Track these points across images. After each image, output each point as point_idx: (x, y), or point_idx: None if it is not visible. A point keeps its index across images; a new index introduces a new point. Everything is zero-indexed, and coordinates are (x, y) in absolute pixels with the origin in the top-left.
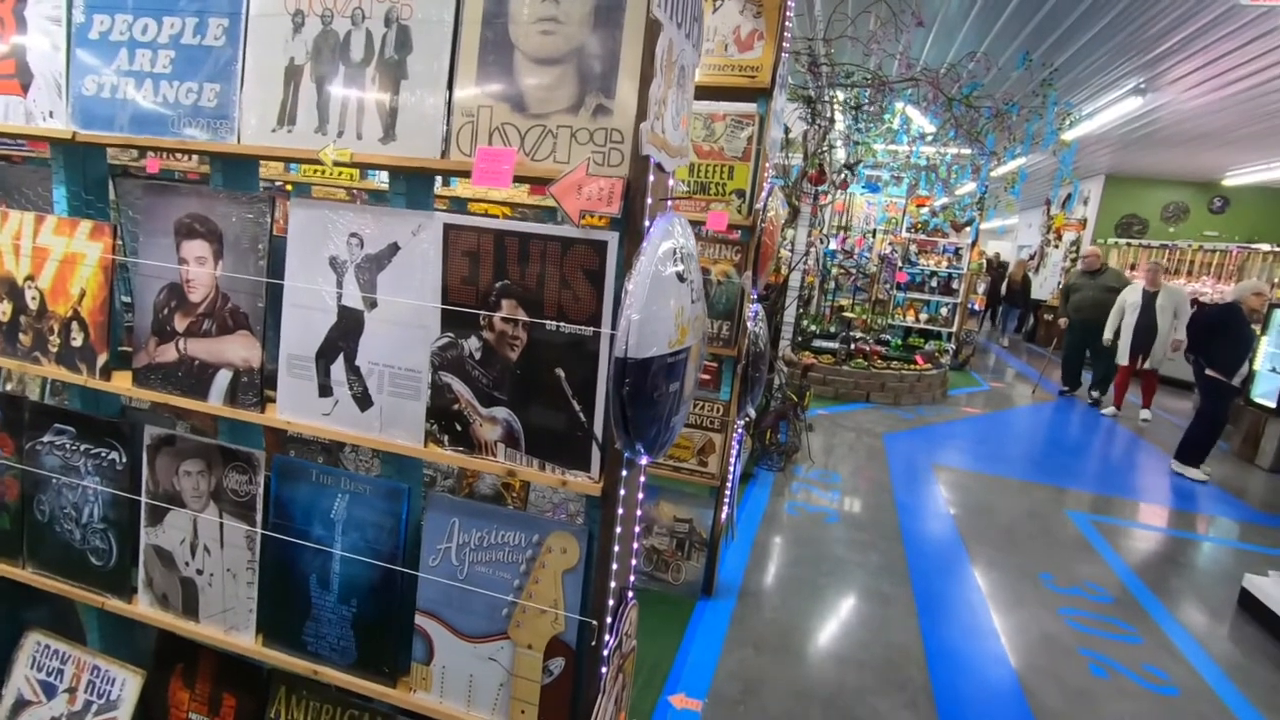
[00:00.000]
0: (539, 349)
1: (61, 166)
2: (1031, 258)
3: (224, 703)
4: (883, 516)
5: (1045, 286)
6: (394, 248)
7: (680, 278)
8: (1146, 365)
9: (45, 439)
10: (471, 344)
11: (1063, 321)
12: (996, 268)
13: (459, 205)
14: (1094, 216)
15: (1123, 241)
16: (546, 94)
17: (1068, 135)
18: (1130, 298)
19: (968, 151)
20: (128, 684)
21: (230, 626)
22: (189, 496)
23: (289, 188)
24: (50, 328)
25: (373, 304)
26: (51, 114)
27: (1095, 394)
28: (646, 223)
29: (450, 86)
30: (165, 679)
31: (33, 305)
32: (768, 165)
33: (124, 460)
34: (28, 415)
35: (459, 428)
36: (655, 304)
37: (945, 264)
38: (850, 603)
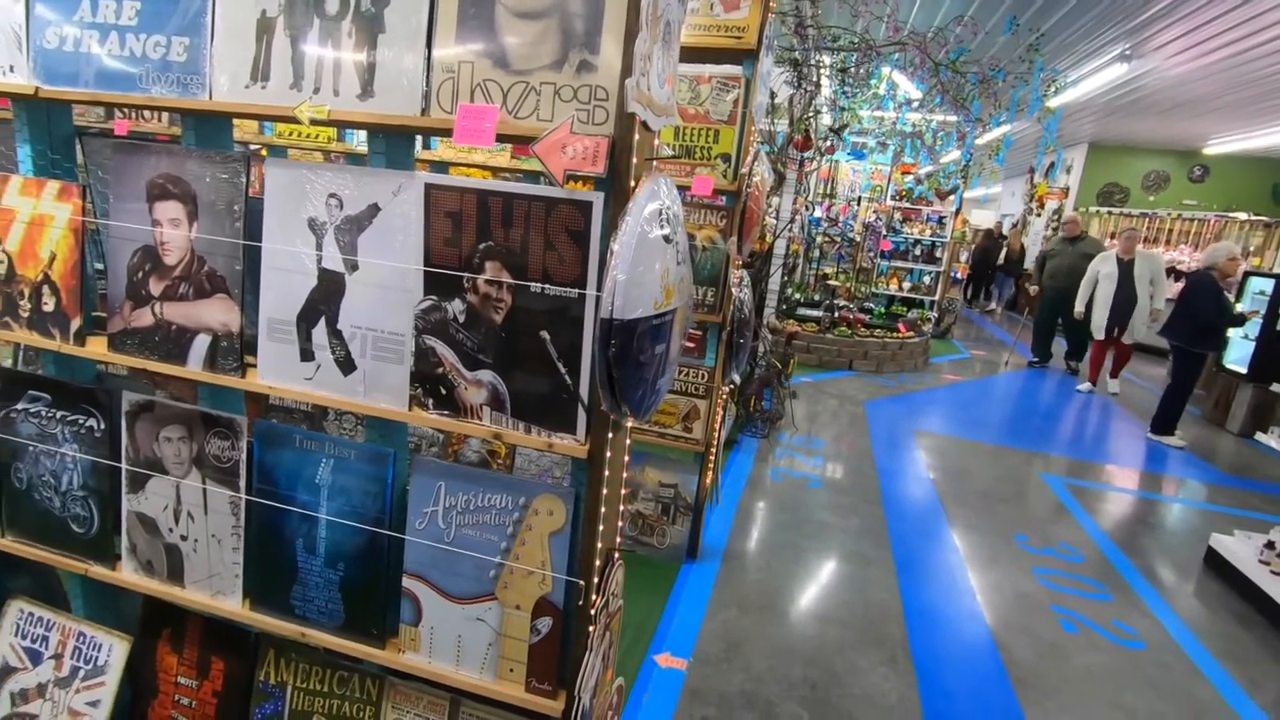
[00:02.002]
0: (523, 312)
1: (25, 124)
2: (1015, 227)
3: (213, 666)
4: (864, 481)
5: (1028, 255)
6: (374, 209)
7: (666, 239)
8: (1124, 339)
9: (19, 406)
10: (455, 307)
11: (1033, 289)
12: (997, 238)
13: (440, 168)
14: (1076, 185)
15: (1104, 210)
16: (529, 49)
17: (1052, 102)
18: (1104, 268)
19: (954, 119)
20: (114, 650)
21: (216, 591)
22: (171, 463)
23: (264, 152)
24: (20, 292)
25: (354, 266)
26: (12, 69)
27: (1073, 364)
28: (632, 183)
29: (430, 41)
30: (153, 644)
31: (0, 269)
32: (754, 129)
33: (102, 427)
34: (0, 382)
35: (444, 391)
36: (641, 265)
37: (929, 232)
38: (832, 564)
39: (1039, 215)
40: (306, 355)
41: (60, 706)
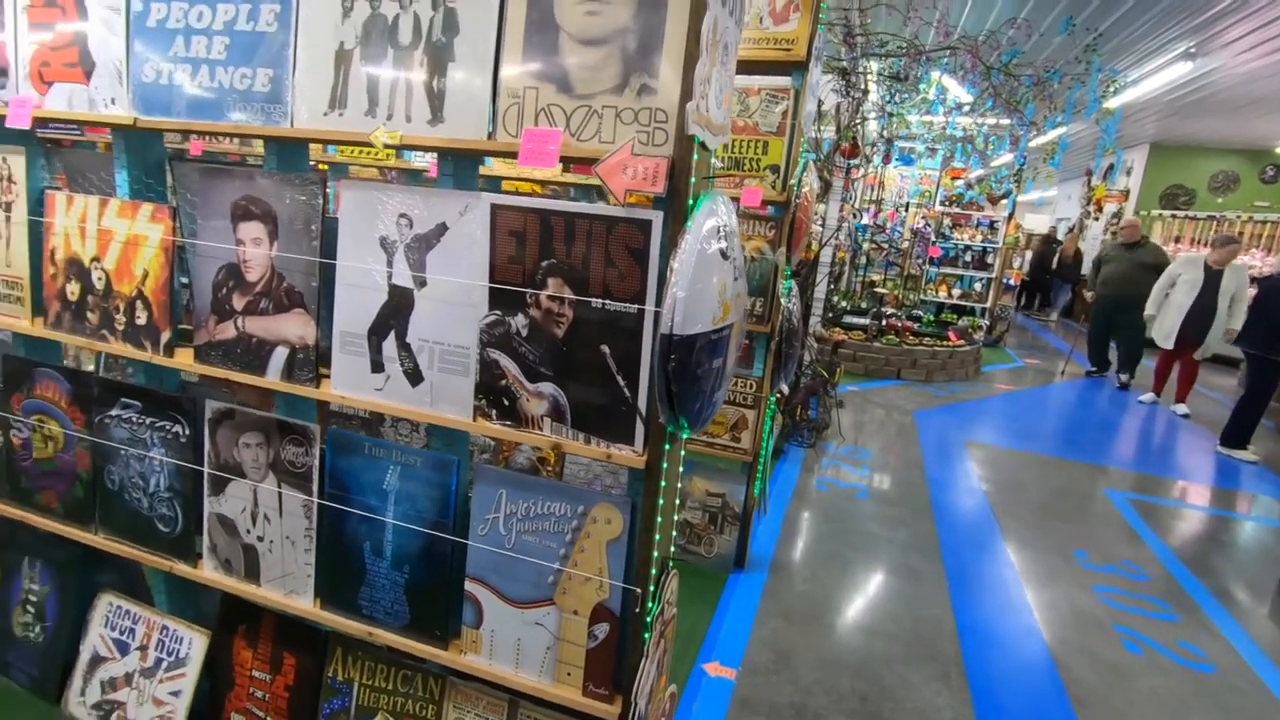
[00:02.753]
0: (584, 326)
1: (123, 151)
2: (1071, 231)
3: (285, 662)
4: (914, 493)
5: (1085, 260)
6: (442, 227)
7: (723, 255)
8: (1195, 355)
9: (113, 413)
10: (518, 321)
11: (1089, 295)
12: (1052, 243)
13: (493, 184)
14: (1137, 187)
15: (1167, 213)
16: (591, 74)
17: (1111, 103)
18: (1186, 273)
19: (1006, 122)
20: (194, 643)
21: (290, 590)
22: (249, 467)
23: (322, 168)
24: (116, 306)
25: (422, 283)
26: (113, 101)
27: (1123, 377)
28: (690, 201)
29: (496, 68)
30: (230, 639)
31: (99, 285)
32: (802, 140)
33: (187, 433)
34: (96, 390)
35: (506, 402)
36: (700, 281)
37: (980, 238)
38: (881, 576)
39: (1097, 219)
40: (377, 367)
41: (145, 695)
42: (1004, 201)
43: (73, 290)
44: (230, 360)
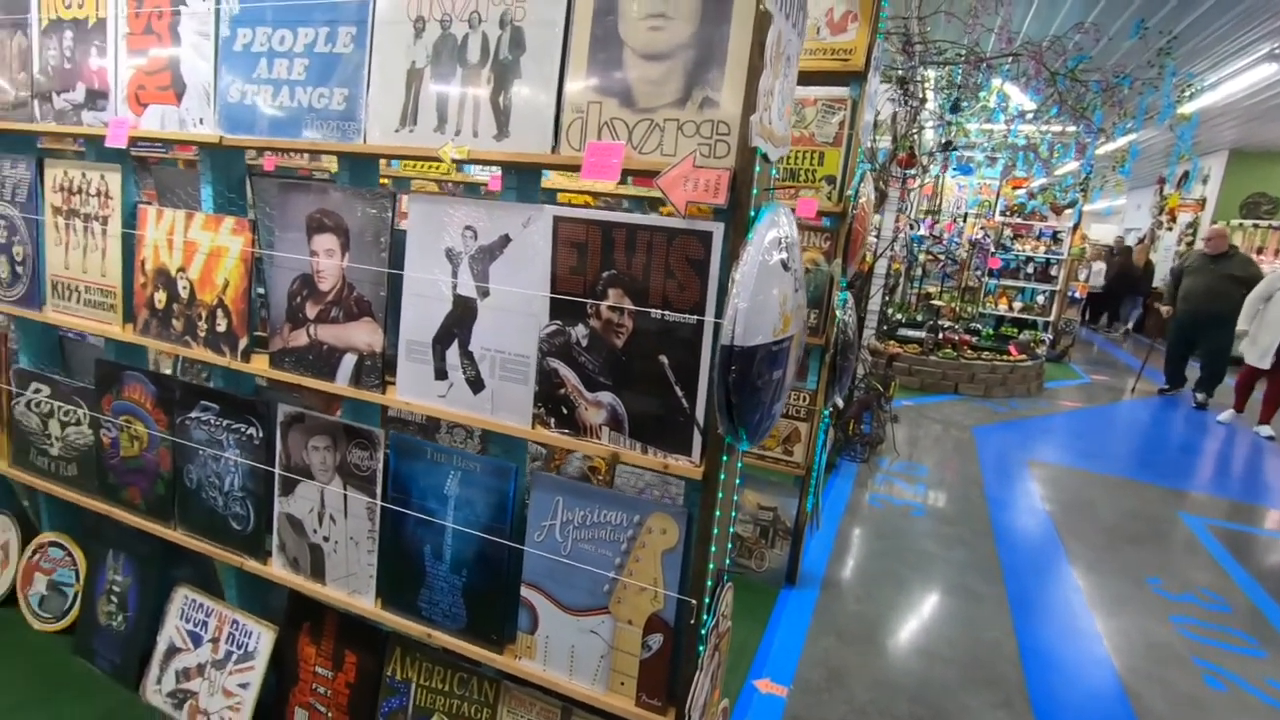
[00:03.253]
0: (643, 336)
1: (209, 168)
2: (1140, 241)
3: (346, 659)
4: (972, 512)
5: (1156, 273)
6: (505, 239)
7: (785, 266)
8: None
9: (193, 414)
10: (578, 331)
11: (1166, 310)
12: (1116, 254)
13: (548, 196)
14: (1215, 196)
15: (1249, 223)
16: (654, 88)
17: (1187, 108)
18: None
19: (1072, 129)
20: (262, 638)
21: (353, 590)
22: (317, 469)
23: (384, 182)
24: (199, 314)
25: (485, 293)
26: (201, 120)
27: (1200, 396)
28: (752, 212)
29: (561, 84)
30: (295, 635)
31: (184, 294)
32: (858, 150)
33: (260, 435)
34: (178, 393)
35: (565, 411)
36: (761, 293)
37: (1043, 249)
38: (938, 598)
39: (1170, 229)
40: (440, 374)
41: (216, 686)
42: (1069, 211)
43: (160, 298)
44: (302, 366)
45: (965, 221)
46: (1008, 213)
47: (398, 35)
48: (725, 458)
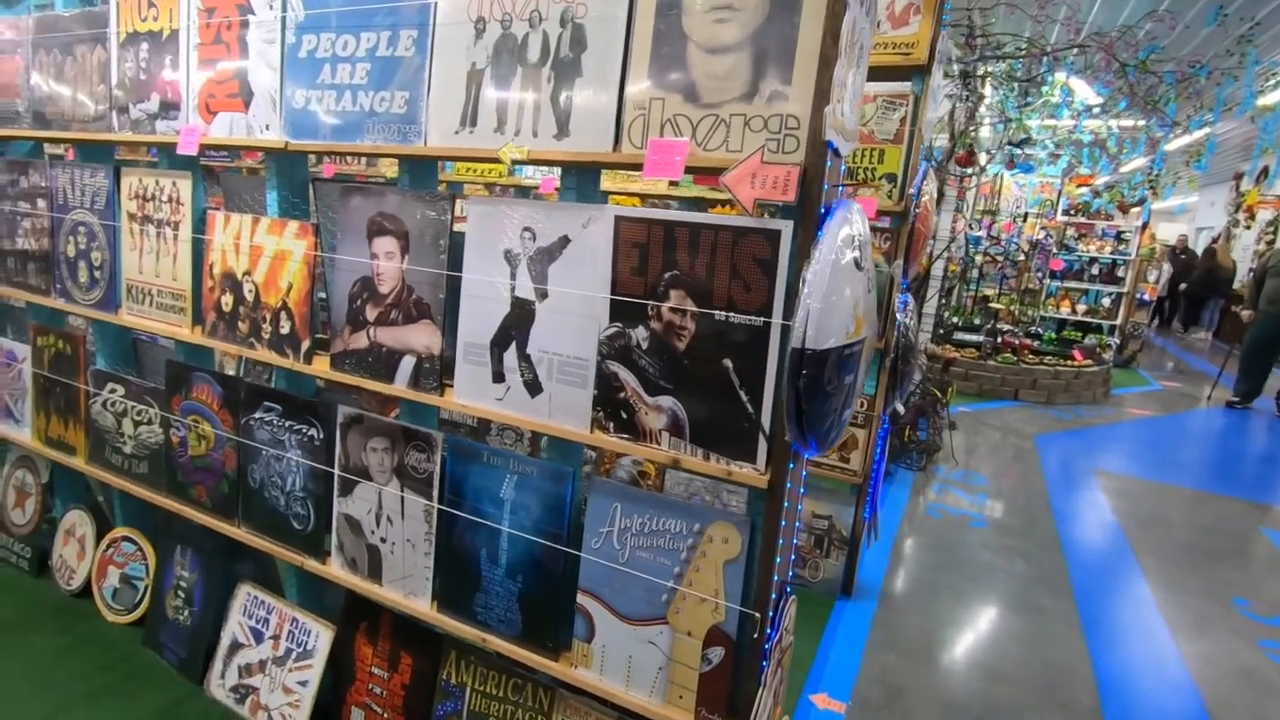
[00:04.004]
0: (707, 339)
1: (274, 173)
2: (1215, 240)
3: (402, 661)
4: (1037, 523)
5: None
6: (564, 240)
7: (857, 265)
8: None
9: (257, 415)
10: (639, 334)
11: (1247, 314)
12: (1180, 253)
13: (601, 198)
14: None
15: None
16: (719, 83)
17: (1269, 99)
18: None
19: (1141, 123)
20: (321, 636)
21: (409, 592)
22: (375, 471)
23: (442, 186)
24: (264, 316)
25: (543, 295)
26: (267, 127)
27: None
28: (822, 209)
29: (623, 81)
30: (352, 635)
31: (249, 297)
32: (921, 147)
33: (320, 436)
34: (243, 394)
35: (624, 415)
36: (834, 293)
37: (1108, 249)
38: (1002, 614)
39: (1249, 227)
40: (498, 377)
41: (276, 682)
42: (1138, 210)
43: (227, 302)
44: (362, 368)
45: (1024, 221)
46: (1071, 211)
47: (458, 37)
48: (792, 465)
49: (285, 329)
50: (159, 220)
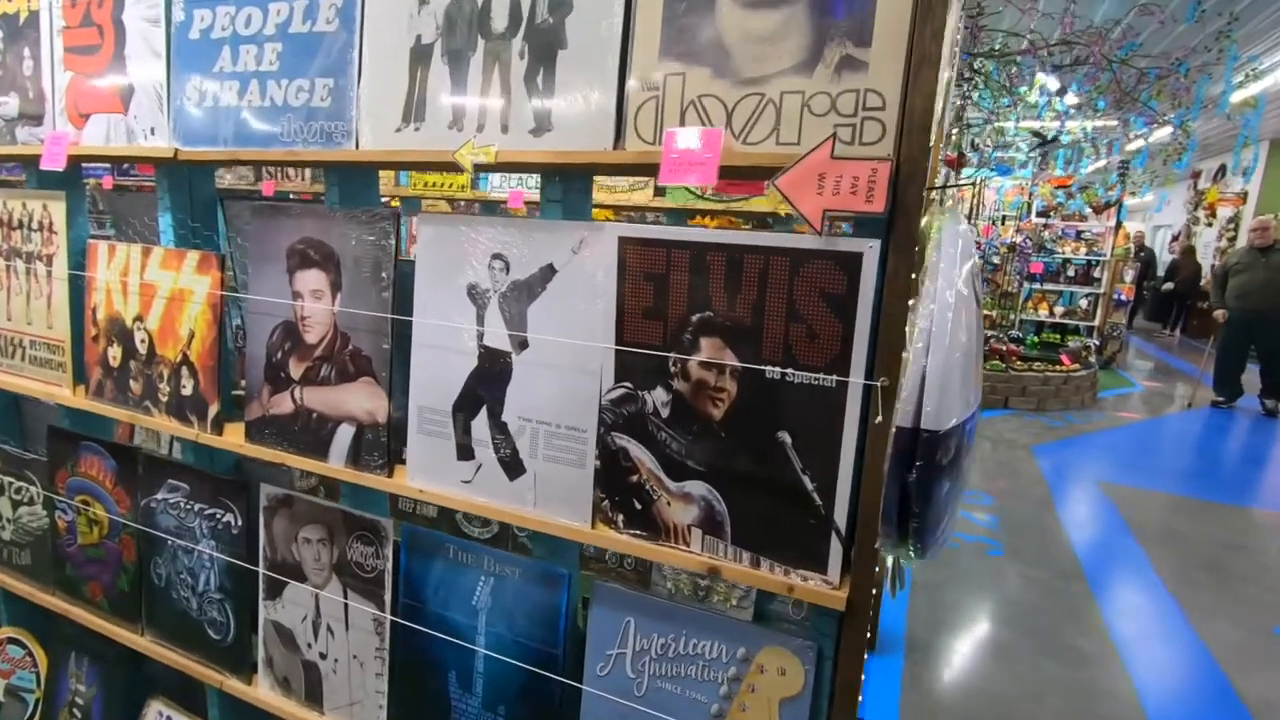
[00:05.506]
0: (753, 405)
1: (166, 191)
2: (1175, 239)
3: None
4: (1054, 548)
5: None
6: (548, 271)
7: (977, 301)
8: None
9: (159, 496)
10: (657, 397)
11: (1220, 314)
12: (1186, 253)
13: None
14: (1257, 188)
15: None
16: (765, 49)
17: (1243, 94)
18: None
19: (1113, 123)
20: None
21: None
22: (310, 568)
23: (395, 203)
24: (160, 374)
25: (522, 344)
26: (153, 130)
27: (1271, 403)
28: (925, 225)
29: (625, 53)
30: None
31: (142, 349)
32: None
33: (239, 523)
34: (141, 469)
35: (638, 505)
36: (957, 349)
37: (1083, 250)
38: (1040, 659)
39: (1210, 224)
40: (464, 452)
41: None
42: (1111, 210)
43: (114, 355)
44: (286, 439)
45: (1002, 224)
46: (1045, 213)
47: (397, 3)
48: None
49: (187, 389)
50: (27, 253)
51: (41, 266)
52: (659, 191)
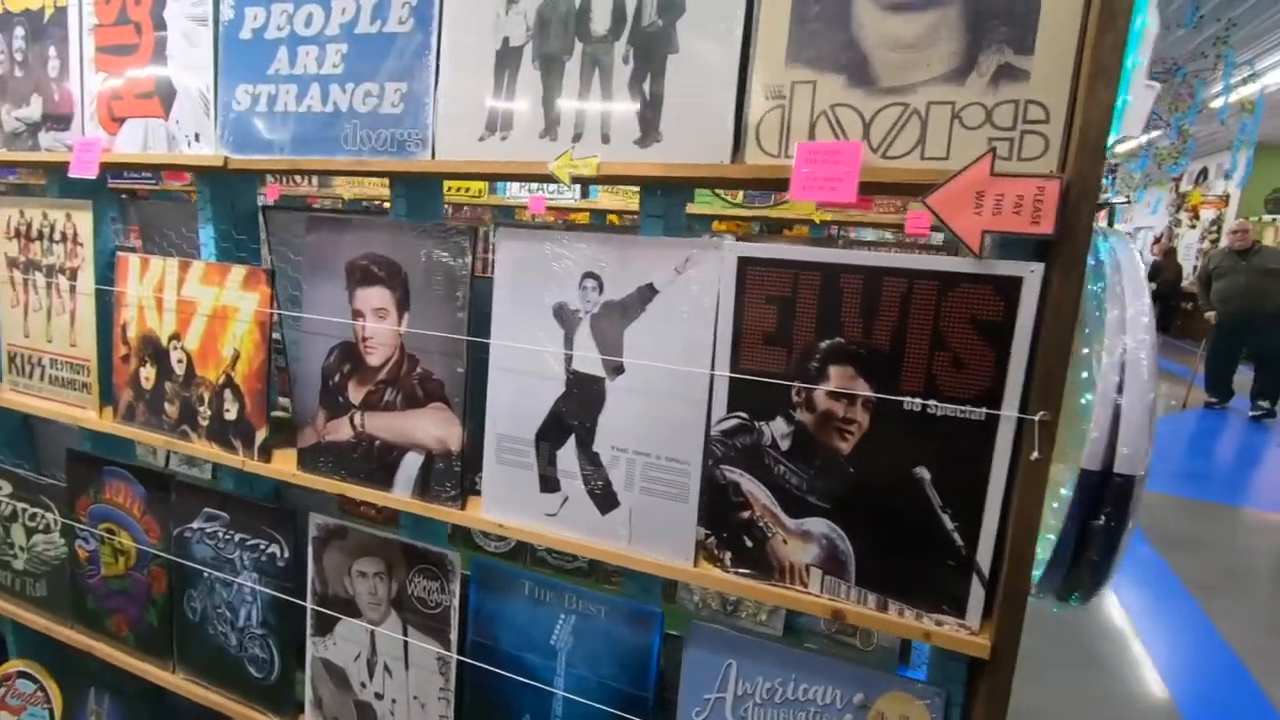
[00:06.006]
0: (887, 438)
1: (208, 201)
2: (1157, 241)
3: None
4: None
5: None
6: (648, 291)
7: (1159, 330)
8: None
9: (195, 525)
10: (776, 429)
11: (1211, 315)
12: (1168, 255)
13: (597, 218)
14: (1238, 191)
15: (1277, 218)
16: (910, 55)
17: (1243, 93)
18: None
19: None
20: None
21: None
22: (365, 603)
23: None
24: (199, 396)
25: (617, 369)
26: (197, 137)
27: (1265, 404)
28: (1099, 246)
29: (746, 57)
30: None
31: (179, 369)
32: None
33: (285, 554)
34: (175, 496)
35: (748, 543)
36: (1151, 385)
37: None
38: (1074, 675)
39: (1193, 227)
40: (549, 484)
41: None
42: (1101, 213)
43: (147, 376)
44: (344, 468)
45: None
46: None
47: (481, 2)
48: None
49: (231, 413)
50: (49, 266)
51: (64, 280)
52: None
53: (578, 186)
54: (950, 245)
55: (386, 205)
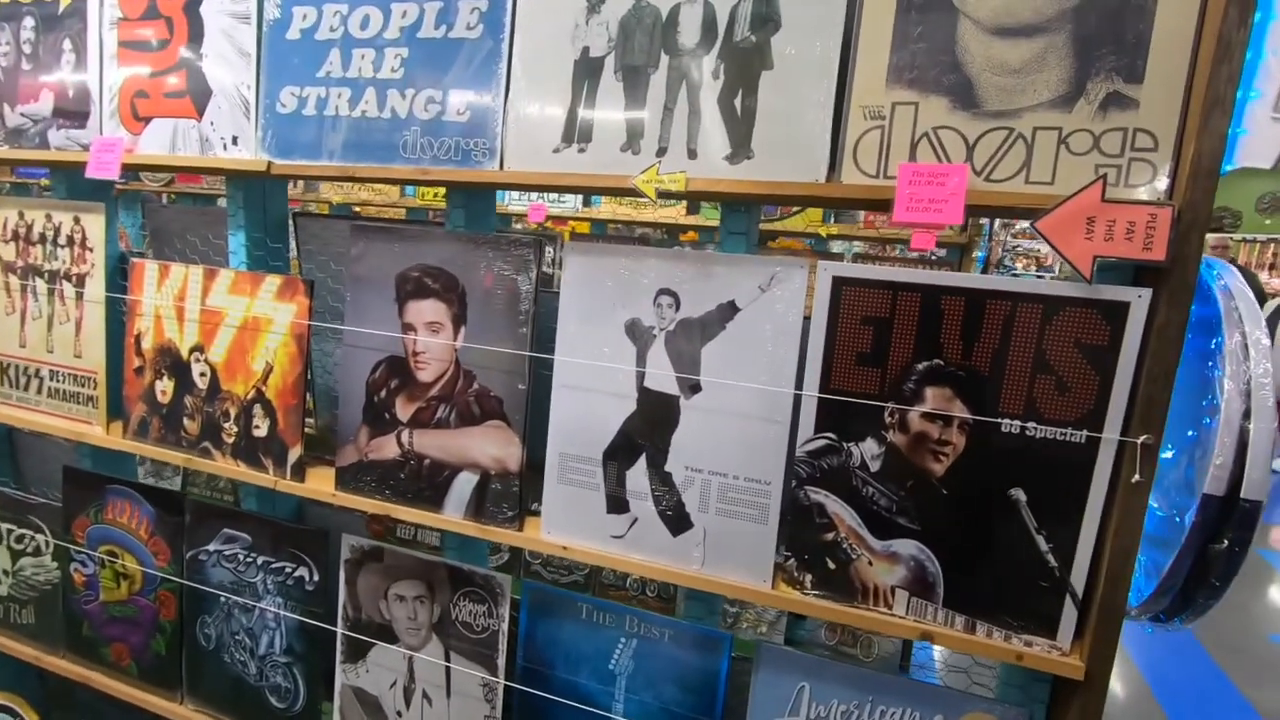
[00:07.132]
0: (983, 460)
1: (241, 207)
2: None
3: None
4: None
5: None
6: (729, 309)
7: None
8: None
9: (212, 547)
10: (866, 449)
11: None
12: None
13: (598, 228)
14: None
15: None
16: (1016, 80)
17: None
18: None
19: None
20: None
21: None
22: (403, 628)
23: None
24: (225, 412)
25: (694, 387)
26: (235, 140)
27: None
28: (1213, 274)
29: (844, 76)
30: None
31: (201, 383)
32: None
33: (314, 577)
34: (189, 517)
35: (832, 565)
36: (1275, 411)
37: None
38: None
39: None
40: (617, 505)
41: None
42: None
43: (164, 389)
44: (389, 488)
45: None
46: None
47: (558, 9)
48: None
49: (261, 429)
50: (51, 272)
51: (70, 287)
52: (692, 209)
53: (577, 195)
54: (952, 261)
55: (377, 212)
